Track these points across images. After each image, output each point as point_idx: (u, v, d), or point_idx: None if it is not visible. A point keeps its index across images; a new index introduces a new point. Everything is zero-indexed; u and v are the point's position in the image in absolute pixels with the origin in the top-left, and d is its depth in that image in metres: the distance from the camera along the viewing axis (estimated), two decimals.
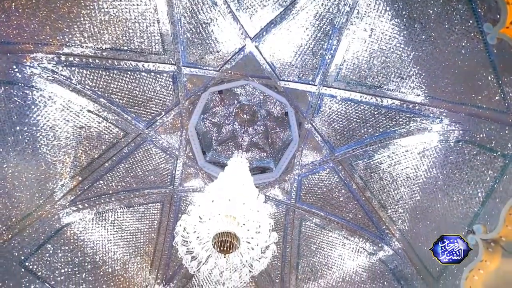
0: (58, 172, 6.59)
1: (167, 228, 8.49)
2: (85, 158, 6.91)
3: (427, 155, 5.92)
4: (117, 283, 7.49)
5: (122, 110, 6.88)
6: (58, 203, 6.78)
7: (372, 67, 5.89)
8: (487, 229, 4.78)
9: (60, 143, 6.40)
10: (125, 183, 7.76)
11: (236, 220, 4.54)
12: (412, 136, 6.01)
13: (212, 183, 5.48)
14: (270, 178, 8.86)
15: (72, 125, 6.45)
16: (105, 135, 6.97)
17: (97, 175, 7.22)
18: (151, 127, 7.46)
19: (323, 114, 7.22)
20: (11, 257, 5.82)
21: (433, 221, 5.96)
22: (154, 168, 8.05)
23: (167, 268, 8.56)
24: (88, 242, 7.27)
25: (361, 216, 7.55)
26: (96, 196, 7.38)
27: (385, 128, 6.43)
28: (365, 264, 7.52)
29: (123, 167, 7.56)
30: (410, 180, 6.37)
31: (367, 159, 7.02)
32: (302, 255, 8.63)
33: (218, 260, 4.52)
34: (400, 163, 6.47)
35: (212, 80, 7.38)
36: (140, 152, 7.67)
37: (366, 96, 6.25)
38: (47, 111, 6.02)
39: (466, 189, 5.23)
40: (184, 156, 8.32)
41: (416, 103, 5.65)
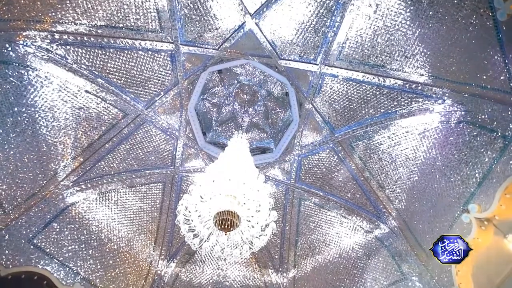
0: (60, 153, 6.63)
1: (169, 207, 8.70)
2: (85, 139, 6.93)
3: (427, 136, 5.92)
4: (122, 259, 7.81)
5: (120, 90, 6.78)
6: (62, 183, 6.89)
7: (376, 46, 5.71)
8: (482, 208, 4.90)
9: (59, 124, 6.38)
10: (126, 163, 7.83)
11: (236, 199, 4.62)
12: (413, 117, 5.97)
13: (212, 164, 5.52)
14: (270, 158, 8.94)
15: (70, 106, 6.39)
16: (104, 116, 6.93)
17: (98, 156, 7.26)
18: (151, 108, 7.40)
19: (324, 94, 7.13)
20: (19, 235, 6.02)
21: (429, 200, 6.08)
22: (155, 149, 8.09)
23: (170, 245, 8.88)
24: (93, 221, 7.48)
25: (359, 195, 7.70)
26: (98, 177, 7.48)
27: (386, 109, 6.37)
28: (362, 241, 7.79)
29: (124, 148, 7.60)
30: (409, 160, 6.42)
31: (367, 140, 7.03)
32: (301, 233, 8.92)
33: (219, 237, 4.66)
34: (400, 144, 6.48)
35: (211, 59, 7.20)
36: (140, 133, 7.67)
37: (368, 76, 6.12)
38: (44, 92, 5.94)
39: (464, 169, 5.29)
40: (184, 136, 8.32)
41: (419, 83, 5.55)
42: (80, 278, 6.69)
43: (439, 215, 5.84)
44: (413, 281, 6.39)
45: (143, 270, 8.23)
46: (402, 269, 6.70)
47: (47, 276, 6.13)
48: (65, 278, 6.41)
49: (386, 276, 6.92)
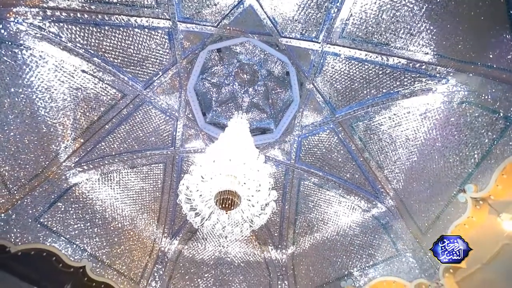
0: (60, 135, 6.63)
1: (170, 187, 8.86)
2: (84, 120, 6.90)
3: (429, 116, 5.87)
4: (127, 237, 8.08)
5: (117, 70, 6.64)
6: (64, 164, 6.96)
7: (380, 22, 5.50)
8: (478, 188, 4.99)
9: (57, 105, 6.32)
10: (126, 144, 7.86)
11: (237, 179, 4.68)
12: (416, 97, 5.89)
13: (212, 144, 5.53)
14: (270, 139, 8.94)
15: (67, 86, 6.29)
16: (102, 97, 6.85)
17: (99, 137, 7.27)
18: (149, 88, 7.29)
19: (326, 74, 6.98)
20: (26, 215, 6.18)
21: (427, 181, 6.17)
22: (155, 130, 8.08)
23: (173, 224, 9.15)
24: (96, 201, 7.65)
25: (358, 176, 7.80)
26: (99, 158, 7.54)
27: (388, 89, 6.27)
28: (359, 220, 8.00)
29: (124, 129, 7.58)
30: (409, 141, 6.42)
31: (367, 121, 6.99)
32: (300, 211, 9.14)
33: (220, 216, 4.77)
34: (400, 125, 6.46)
35: (210, 37, 6.97)
36: (140, 113, 7.62)
37: (371, 55, 5.96)
38: (40, 72, 5.82)
39: (463, 150, 5.31)
40: (184, 117, 8.28)
41: (423, 62, 5.41)
42: (87, 254, 6.96)
43: (435, 195, 5.95)
44: (407, 257, 6.64)
45: (147, 247, 8.54)
46: (397, 246, 6.94)
47: (56, 253, 6.36)
48: (73, 254, 6.67)
49: (381, 252, 7.17)
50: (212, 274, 8.82)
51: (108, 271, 7.21)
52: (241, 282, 8.76)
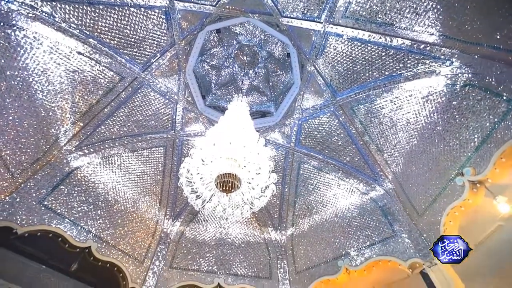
0: (59, 118, 6.59)
1: (171, 170, 8.94)
2: (83, 104, 6.83)
3: (431, 100, 5.81)
4: (130, 219, 8.27)
5: (114, 52, 6.49)
6: (64, 148, 6.98)
7: (385, 1, 5.29)
8: (476, 172, 5.03)
9: (55, 88, 6.24)
10: (126, 128, 7.83)
11: (237, 162, 4.70)
12: (418, 80, 5.79)
13: (213, 127, 5.51)
14: (271, 122, 8.90)
15: (64, 69, 6.17)
16: (100, 80, 6.74)
17: (98, 120, 7.24)
18: (147, 70, 7.15)
19: (327, 56, 6.83)
20: (30, 198, 6.29)
21: (425, 164, 6.21)
22: (154, 113, 8.03)
23: (174, 206, 9.33)
24: (99, 184, 7.75)
25: (357, 159, 7.84)
26: (100, 141, 7.55)
27: (391, 71, 6.15)
28: (357, 202, 8.14)
29: (123, 112, 7.53)
30: (409, 125, 6.40)
31: (369, 104, 6.92)
32: (299, 194, 9.29)
33: (221, 198, 4.85)
34: (402, 108, 6.40)
35: (208, 16, 6.74)
36: (139, 97, 7.53)
37: (375, 36, 5.79)
38: (35, 54, 5.68)
39: (463, 134, 5.31)
40: (184, 100, 8.19)
41: (428, 43, 5.27)
42: (92, 235, 7.16)
43: (434, 178, 6.02)
44: (402, 238, 6.83)
45: (150, 229, 8.76)
46: (393, 227, 7.12)
47: (61, 234, 6.55)
48: (78, 235, 6.86)
49: (378, 233, 7.37)
50: (213, 254, 9.12)
51: (113, 251, 7.46)
52: (241, 262, 9.08)
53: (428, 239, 6.21)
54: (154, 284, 8.06)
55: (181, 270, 8.62)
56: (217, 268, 8.80)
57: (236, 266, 8.95)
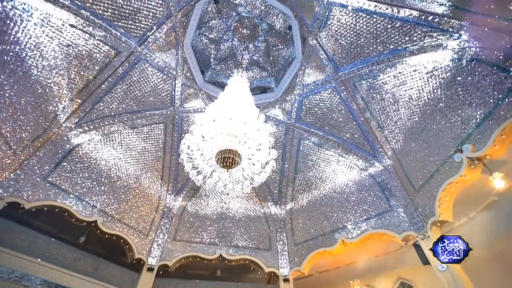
0: (56, 95, 6.50)
1: (172, 146, 8.99)
2: (80, 80, 6.69)
3: (435, 75, 5.67)
4: (133, 194, 8.48)
5: (108, 24, 6.22)
6: (64, 125, 6.96)
7: None
8: (475, 148, 5.04)
9: (49, 64, 6.07)
10: (125, 104, 7.75)
11: (237, 138, 4.70)
12: (424, 54, 5.60)
13: (212, 103, 5.43)
14: (271, 98, 8.79)
15: (57, 43, 5.96)
16: (95, 54, 6.53)
17: (96, 97, 7.14)
18: (144, 44, 6.91)
19: (330, 28, 6.54)
20: (34, 174, 6.40)
21: (425, 141, 6.21)
22: (153, 89, 7.89)
23: (176, 182, 9.51)
24: (101, 161, 7.84)
25: (357, 135, 7.84)
26: (99, 118, 7.50)
27: (396, 45, 5.93)
28: (356, 178, 8.28)
29: (121, 88, 7.40)
30: (412, 101, 6.30)
31: (371, 79, 6.77)
32: (299, 170, 9.42)
33: (221, 174, 4.91)
34: (405, 84, 6.27)
35: None
36: (136, 72, 7.36)
37: (381, 6, 5.50)
38: (26, 27, 5.45)
39: (466, 110, 5.24)
40: (182, 76, 8.02)
41: (436, 15, 5.01)
42: (97, 210, 7.38)
43: (433, 155, 6.05)
44: (398, 212, 7.04)
45: (153, 203, 9.01)
46: (390, 202, 7.30)
47: (67, 209, 6.75)
48: (84, 210, 7.07)
49: (374, 208, 7.58)
50: (215, 227, 9.46)
51: (118, 225, 7.74)
52: (242, 234, 9.45)
53: (423, 213, 6.40)
54: (159, 255, 8.47)
55: (184, 242, 9.00)
56: (218, 241, 9.19)
57: (237, 239, 9.34)
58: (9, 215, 5.95)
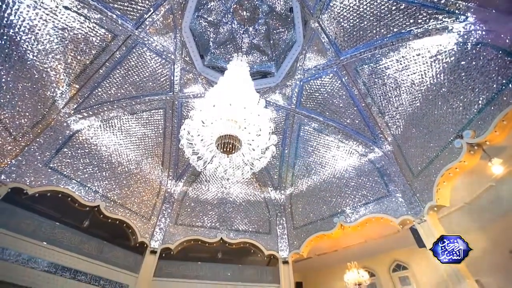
0: (53, 80, 6.40)
1: (172, 132, 8.98)
2: (76, 64, 6.57)
3: (439, 59, 5.56)
4: (134, 179, 8.57)
5: (103, 6, 6.02)
6: (63, 111, 6.91)
7: None
8: (476, 134, 5.03)
9: (45, 48, 5.94)
10: (124, 90, 7.66)
11: (237, 124, 4.67)
12: (428, 38, 5.46)
13: (212, 88, 5.36)
14: (271, 83, 8.67)
15: (52, 26, 5.80)
16: (91, 38, 6.37)
17: (94, 82, 7.04)
18: (141, 28, 6.73)
19: (333, 11, 6.35)
20: (35, 160, 6.43)
21: (426, 127, 6.19)
22: (151, 74, 7.77)
23: (177, 167, 9.58)
24: (101, 146, 7.85)
25: (358, 121, 7.81)
26: (98, 104, 7.44)
27: (400, 28, 5.77)
28: (355, 163, 8.33)
29: (119, 73, 7.29)
30: (414, 86, 6.23)
31: (373, 64, 6.65)
32: (299, 155, 9.46)
33: (222, 159, 4.93)
34: (408, 68, 6.16)
35: None
36: (134, 56, 7.21)
37: None
38: (18, 9, 5.28)
39: (468, 96, 5.18)
40: (181, 60, 7.87)
41: None
42: (100, 195, 7.48)
43: (433, 141, 6.05)
44: (396, 197, 7.13)
45: (155, 189, 9.13)
46: (388, 188, 7.39)
47: (70, 194, 6.84)
48: (86, 195, 7.17)
49: (373, 193, 7.68)
50: (216, 212, 9.63)
51: (120, 210, 7.87)
52: (242, 219, 9.64)
53: (421, 198, 6.48)
54: (162, 238, 8.68)
55: (186, 226, 9.20)
56: (219, 225, 9.39)
57: (237, 223, 9.54)
58: (13, 201, 6.04)
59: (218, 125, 4.63)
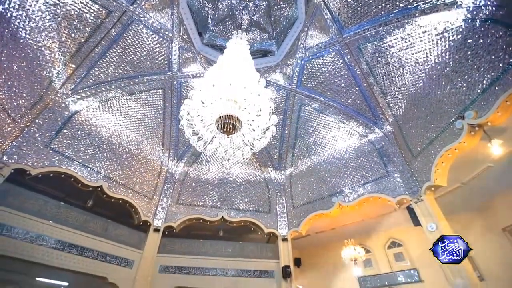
0: (49, 60, 6.25)
1: (171, 113, 8.92)
2: (71, 43, 6.38)
3: (445, 37, 5.38)
4: (136, 160, 8.63)
5: None
6: (60, 91, 6.81)
7: None
8: (478, 115, 4.98)
9: (37, 25, 5.73)
10: (121, 69, 7.50)
11: (237, 104, 4.62)
12: (436, 14, 5.25)
13: (211, 68, 5.24)
14: (272, 62, 8.47)
15: (43, 2, 5.55)
16: (85, 14, 6.13)
17: (90, 61, 6.88)
18: (136, 3, 6.45)
19: None
20: (35, 142, 6.43)
21: (428, 107, 6.12)
22: (149, 53, 7.57)
23: (177, 148, 9.62)
24: (101, 127, 7.83)
25: (359, 101, 7.72)
26: (95, 84, 7.32)
27: (406, 3, 5.53)
28: (355, 144, 8.35)
29: (116, 52, 7.09)
30: (418, 65, 6.08)
31: (377, 42, 6.45)
32: (299, 136, 9.46)
33: (222, 140, 4.93)
34: (413, 47, 5.98)
35: None
36: (130, 34, 6.98)
37: None
38: None
39: (473, 75, 5.07)
40: (179, 38, 7.62)
41: None
42: (102, 176, 7.58)
43: (434, 121, 6.01)
44: (394, 177, 7.22)
45: (156, 169, 9.22)
46: (387, 168, 7.45)
47: (73, 175, 6.92)
48: (89, 176, 7.26)
49: (372, 173, 7.76)
50: (216, 191, 9.81)
51: (123, 190, 8.01)
52: (243, 198, 9.83)
53: (419, 178, 6.56)
54: (164, 217, 8.92)
55: (188, 205, 9.41)
56: (220, 204, 9.60)
57: (238, 202, 9.74)
58: (17, 181, 6.13)
59: (218, 105, 4.58)
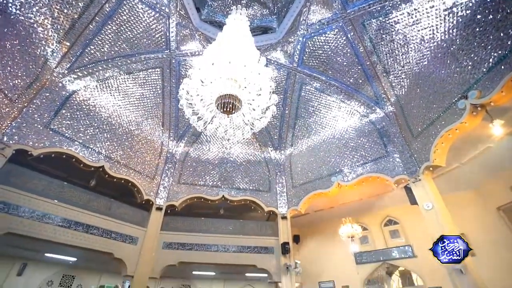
0: (42, 37, 6.04)
1: (170, 92, 8.79)
2: (64, 19, 6.13)
3: (454, 12, 5.16)
4: (136, 140, 8.64)
5: None
6: (56, 71, 6.66)
7: None
8: (481, 95, 4.88)
9: (28, 2, 5.47)
10: (118, 48, 7.28)
11: (237, 83, 4.54)
12: None
13: (210, 45, 5.09)
14: (272, 39, 8.20)
15: None
16: None
17: (85, 39, 6.66)
18: None
19: None
20: (35, 122, 6.38)
21: (431, 87, 6.01)
22: (145, 30, 7.31)
23: (177, 128, 9.60)
24: (100, 108, 7.74)
25: (361, 81, 7.58)
26: (91, 63, 7.14)
27: None
28: (356, 124, 8.31)
29: (111, 29, 6.85)
30: (423, 43, 5.89)
31: (382, 18, 6.20)
32: (300, 116, 9.40)
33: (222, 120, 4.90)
34: (419, 23, 5.76)
35: None
36: (125, 10, 6.70)
37: None
38: None
39: (479, 53, 4.92)
40: (176, 14, 7.33)
41: None
42: (103, 156, 7.62)
43: (437, 101, 5.92)
44: (394, 157, 7.25)
45: (157, 149, 9.26)
46: (387, 148, 7.47)
47: (74, 155, 6.95)
48: (90, 156, 7.30)
49: (372, 153, 7.79)
50: (217, 171, 9.93)
51: (124, 170, 8.10)
52: (243, 178, 9.97)
53: (418, 158, 6.59)
54: (166, 196, 9.10)
55: (189, 185, 9.57)
56: (221, 183, 9.75)
57: (238, 181, 9.89)
58: (20, 162, 6.17)
59: (218, 84, 4.50)
